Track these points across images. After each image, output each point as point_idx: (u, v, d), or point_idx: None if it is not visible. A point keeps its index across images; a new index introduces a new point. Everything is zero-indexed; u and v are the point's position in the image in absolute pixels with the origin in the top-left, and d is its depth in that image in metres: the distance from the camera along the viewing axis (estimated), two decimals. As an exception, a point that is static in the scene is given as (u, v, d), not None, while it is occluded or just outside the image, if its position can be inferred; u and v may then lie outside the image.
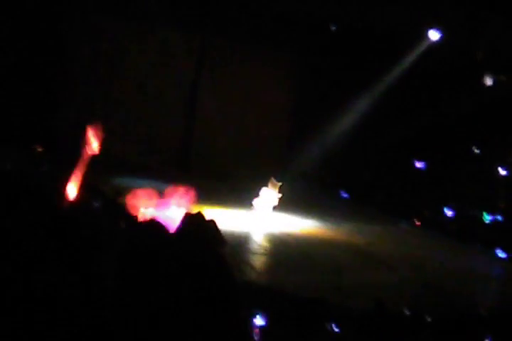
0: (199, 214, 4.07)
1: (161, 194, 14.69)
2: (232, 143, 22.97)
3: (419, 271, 14.09)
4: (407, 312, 9.37)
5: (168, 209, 14.51)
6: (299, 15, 21.43)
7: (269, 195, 17.17)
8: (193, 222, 3.76)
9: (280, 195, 17.23)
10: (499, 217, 18.39)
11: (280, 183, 17.28)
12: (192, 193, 14.88)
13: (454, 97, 19.96)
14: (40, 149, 12.53)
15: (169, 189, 14.89)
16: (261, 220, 16.85)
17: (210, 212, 16.58)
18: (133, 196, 14.76)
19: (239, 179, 20.84)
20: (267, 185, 17.28)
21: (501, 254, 16.87)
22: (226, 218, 16.57)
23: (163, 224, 3.81)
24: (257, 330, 4.13)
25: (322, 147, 22.32)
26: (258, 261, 14.01)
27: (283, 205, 17.51)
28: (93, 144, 7.80)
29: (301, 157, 22.37)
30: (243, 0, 21.04)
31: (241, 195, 18.48)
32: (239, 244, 14.33)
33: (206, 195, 18.21)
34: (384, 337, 7.48)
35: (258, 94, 23.53)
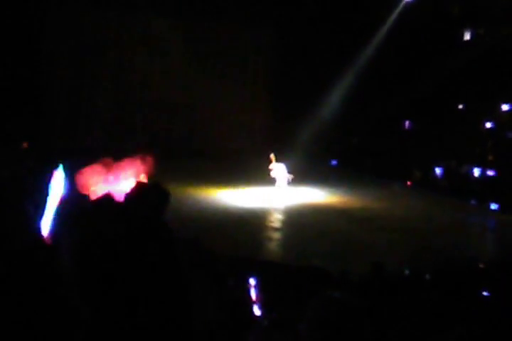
0: (144, 183, 4.10)
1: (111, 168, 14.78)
2: (218, 122, 23.07)
3: (415, 231, 14.24)
4: (406, 273, 9.46)
5: (118, 183, 14.57)
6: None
7: (281, 169, 17.19)
8: (139, 191, 3.79)
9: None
10: (490, 172, 18.55)
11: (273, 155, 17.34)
12: (149, 161, 14.94)
13: (435, 57, 19.97)
14: (25, 146, 12.47)
15: (120, 162, 14.90)
16: (280, 194, 17.00)
17: (225, 193, 17.07)
18: (81, 175, 14.70)
19: (231, 156, 21.06)
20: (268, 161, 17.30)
21: (494, 206, 17.06)
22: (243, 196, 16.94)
23: (114, 196, 3.85)
24: (256, 297, 4.23)
25: (310, 119, 22.35)
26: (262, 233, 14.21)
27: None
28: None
29: (289, 130, 22.44)
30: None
31: (243, 173, 18.75)
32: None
33: (214, 176, 18.49)
34: (385, 299, 7.57)
35: (240, 74, 23.63)
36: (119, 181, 14.56)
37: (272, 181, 17.23)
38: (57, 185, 4.46)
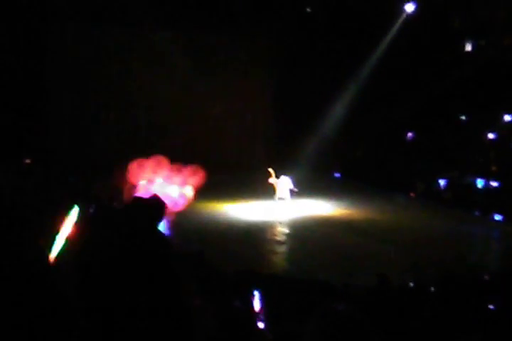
0: (142, 195, 4.14)
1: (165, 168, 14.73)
2: (220, 135, 23.09)
3: (419, 242, 14.21)
4: (411, 284, 9.44)
5: (169, 186, 14.53)
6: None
7: (285, 182, 17.21)
8: (137, 203, 3.83)
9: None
10: (494, 183, 18.52)
11: (271, 169, 17.36)
12: (200, 174, 14.93)
13: (437, 68, 20.03)
14: (29, 161, 12.46)
15: (175, 165, 14.84)
16: (284, 207, 17.02)
17: (232, 207, 17.08)
18: (138, 165, 14.63)
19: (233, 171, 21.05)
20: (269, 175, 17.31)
21: (498, 217, 17.02)
22: (249, 210, 16.96)
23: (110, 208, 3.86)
24: (259, 310, 4.24)
25: (313, 134, 22.38)
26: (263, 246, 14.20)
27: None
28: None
29: (292, 142, 22.47)
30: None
31: (247, 186, 18.74)
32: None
33: (217, 190, 18.50)
34: (390, 312, 7.56)
35: (241, 84, 23.68)
36: (171, 184, 14.51)
37: (274, 194, 17.27)
38: (69, 224, 4.46)
